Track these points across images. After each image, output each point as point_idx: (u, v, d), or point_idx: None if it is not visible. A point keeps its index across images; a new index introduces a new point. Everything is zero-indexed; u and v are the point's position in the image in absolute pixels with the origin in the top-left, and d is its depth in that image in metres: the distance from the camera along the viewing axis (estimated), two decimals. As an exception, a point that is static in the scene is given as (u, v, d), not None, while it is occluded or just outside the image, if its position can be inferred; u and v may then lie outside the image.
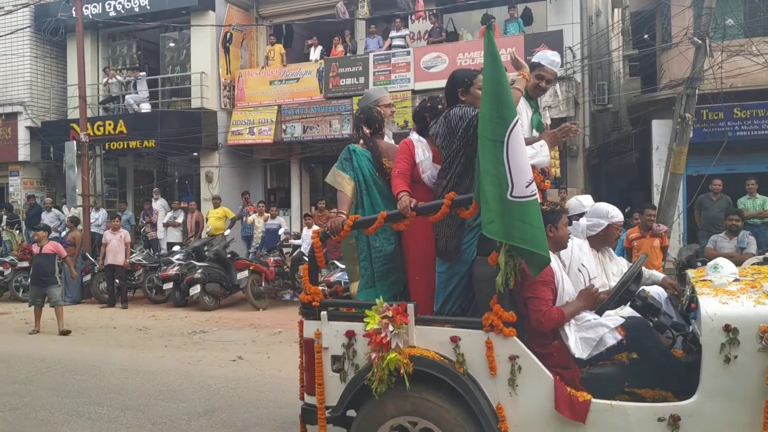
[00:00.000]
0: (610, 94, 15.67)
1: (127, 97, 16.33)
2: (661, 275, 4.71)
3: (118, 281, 12.55)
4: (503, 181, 3.18)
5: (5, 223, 15.90)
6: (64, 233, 14.23)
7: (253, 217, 14.13)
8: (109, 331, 10.05)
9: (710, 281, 3.67)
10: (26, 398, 6.40)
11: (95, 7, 16.40)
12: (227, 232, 13.87)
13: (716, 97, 11.57)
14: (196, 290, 11.79)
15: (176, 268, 12.19)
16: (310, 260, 4.09)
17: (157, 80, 16.84)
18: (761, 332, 3.04)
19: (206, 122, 15.59)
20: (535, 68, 4.36)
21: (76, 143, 13.87)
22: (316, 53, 15.90)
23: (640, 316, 3.76)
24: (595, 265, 4.14)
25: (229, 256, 12.36)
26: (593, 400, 3.25)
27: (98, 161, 14.83)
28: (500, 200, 3.20)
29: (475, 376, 3.39)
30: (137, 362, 7.90)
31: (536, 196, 3.26)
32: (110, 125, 15.84)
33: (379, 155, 4.27)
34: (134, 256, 13.12)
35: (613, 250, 4.58)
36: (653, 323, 3.69)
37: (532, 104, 4.45)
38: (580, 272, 3.93)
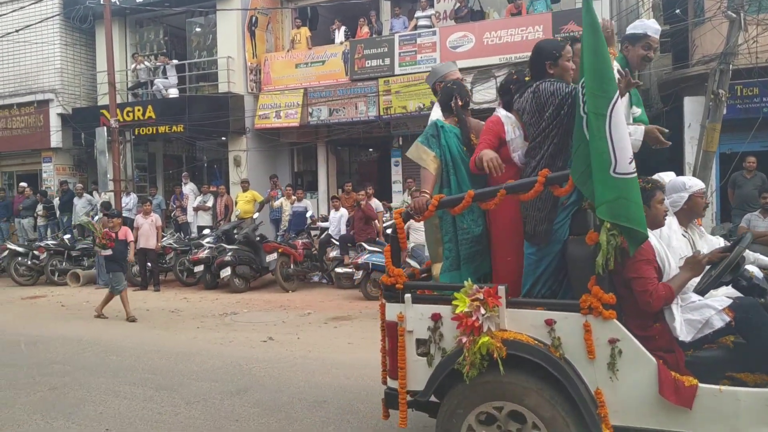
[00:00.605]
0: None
1: (156, 81, 16.47)
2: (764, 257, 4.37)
3: (150, 265, 12.76)
4: (606, 157, 3.07)
5: (42, 209, 16.21)
6: (96, 218, 14.49)
7: (280, 200, 14.23)
8: (142, 313, 10.22)
9: None
10: (65, 378, 6.56)
11: (122, -7, 16.56)
12: (256, 215, 13.99)
13: (751, 72, 11.31)
14: (226, 273, 11.95)
15: (207, 251, 12.35)
16: (392, 241, 3.89)
17: (184, 65, 16.97)
18: None
19: (233, 106, 15.67)
20: (639, 40, 4.17)
21: (106, 129, 14.05)
22: (340, 35, 15.85)
23: (746, 296, 3.53)
24: (685, 243, 3.94)
25: (258, 238, 12.50)
26: (700, 385, 3.12)
27: (128, 146, 15.00)
28: (606, 177, 3.08)
29: (571, 360, 3.28)
30: (170, 343, 8.05)
31: (636, 173, 3.14)
32: (139, 111, 16.01)
33: (468, 132, 4.13)
34: (165, 239, 13.31)
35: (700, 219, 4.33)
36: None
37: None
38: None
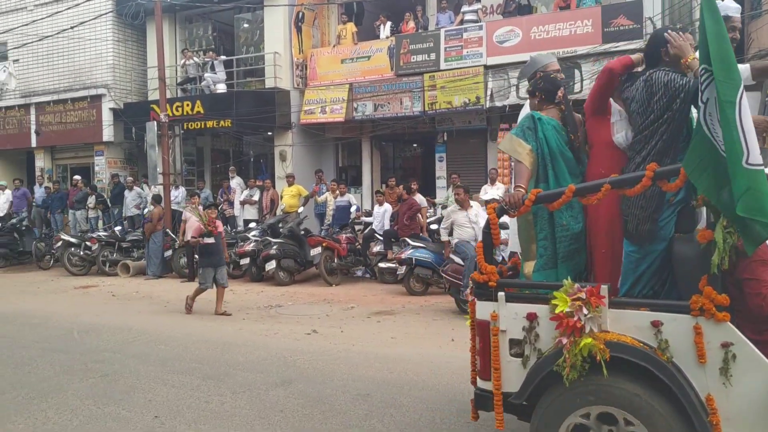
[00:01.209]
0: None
1: (205, 76, 16.74)
2: None
3: (197, 257, 12.99)
4: (739, 147, 2.89)
5: (94, 203, 16.67)
6: (146, 210, 14.84)
7: (325, 195, 14.33)
8: (189, 304, 10.45)
9: None
10: (115, 366, 6.74)
11: (173, -10, 16.88)
12: (301, 209, 14.11)
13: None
14: (271, 266, 12.10)
15: (252, 244, 12.54)
16: (485, 237, 3.69)
17: (232, 61, 17.20)
18: None
19: (279, 102, 15.82)
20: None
21: (156, 124, 14.36)
22: (386, 30, 15.85)
23: None
24: None
25: (302, 232, 12.61)
26: None
27: (177, 141, 15.29)
28: (739, 169, 2.90)
29: (679, 364, 3.11)
30: (217, 334, 8.19)
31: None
32: (188, 106, 16.31)
33: (575, 123, 3.99)
34: (212, 232, 13.51)
35: None
36: None
37: None
38: None
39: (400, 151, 18.72)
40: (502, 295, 3.53)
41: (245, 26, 17.83)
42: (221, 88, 16.74)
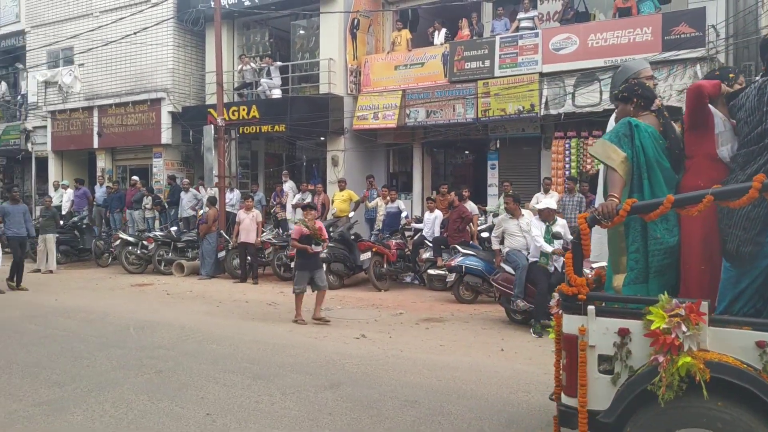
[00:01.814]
0: (758, 75, 14.47)
1: (261, 81, 17.02)
2: None
3: (249, 258, 13.22)
4: None
5: (150, 203, 17.13)
6: (201, 212, 15.16)
7: (375, 200, 14.38)
8: (241, 304, 10.61)
9: None
10: (169, 362, 6.90)
11: (231, -3, 17.25)
12: (351, 214, 14.20)
13: None
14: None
15: (303, 247, 12.64)
16: (574, 248, 3.57)
17: (287, 67, 17.45)
18: None
19: (333, 107, 15.97)
20: None
21: (213, 127, 14.68)
22: (440, 37, 15.82)
23: None
24: None
25: (353, 237, 12.68)
26: None
27: (233, 144, 15.60)
28: None
29: None
30: (268, 335, 8.30)
31: None
32: (244, 110, 16.59)
33: (674, 130, 3.84)
34: (265, 234, 13.73)
35: None
36: None
37: None
38: None
39: (451, 157, 18.64)
40: (592, 308, 3.39)
41: (301, 33, 18.06)
42: (276, 93, 16.99)
